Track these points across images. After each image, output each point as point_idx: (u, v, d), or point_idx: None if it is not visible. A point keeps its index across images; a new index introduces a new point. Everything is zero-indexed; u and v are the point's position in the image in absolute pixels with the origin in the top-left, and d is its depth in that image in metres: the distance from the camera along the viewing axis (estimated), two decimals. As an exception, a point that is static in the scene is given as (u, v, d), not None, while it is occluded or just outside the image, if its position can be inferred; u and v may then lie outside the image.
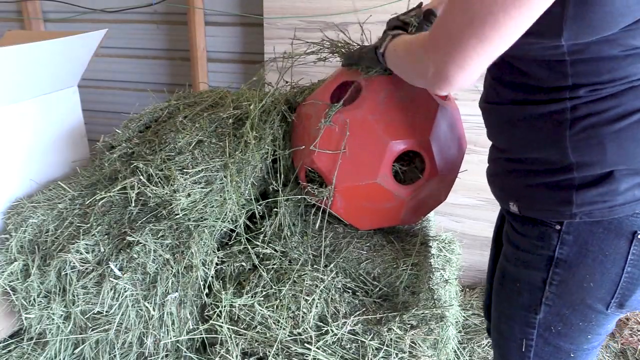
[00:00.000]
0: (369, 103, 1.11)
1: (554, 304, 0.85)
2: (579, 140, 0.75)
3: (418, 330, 1.01)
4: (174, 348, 1.16)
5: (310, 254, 1.23)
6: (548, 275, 0.84)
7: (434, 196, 1.23)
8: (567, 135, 0.75)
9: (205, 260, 1.17)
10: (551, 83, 0.76)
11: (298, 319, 1.05)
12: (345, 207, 1.22)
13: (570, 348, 0.88)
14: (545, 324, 0.87)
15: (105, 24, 2.44)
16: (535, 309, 0.87)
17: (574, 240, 0.80)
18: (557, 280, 0.84)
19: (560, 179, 0.79)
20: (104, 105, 2.64)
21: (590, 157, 0.75)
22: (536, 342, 0.90)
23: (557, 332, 0.87)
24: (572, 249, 0.81)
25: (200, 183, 1.18)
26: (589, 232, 0.79)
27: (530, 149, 0.82)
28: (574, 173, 0.77)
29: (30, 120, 1.46)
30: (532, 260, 0.86)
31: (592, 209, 0.77)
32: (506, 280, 0.93)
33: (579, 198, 0.77)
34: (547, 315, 0.87)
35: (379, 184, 1.13)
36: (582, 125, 0.74)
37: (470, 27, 0.64)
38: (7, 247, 1.29)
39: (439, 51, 0.70)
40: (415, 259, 1.22)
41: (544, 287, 0.85)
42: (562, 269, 0.82)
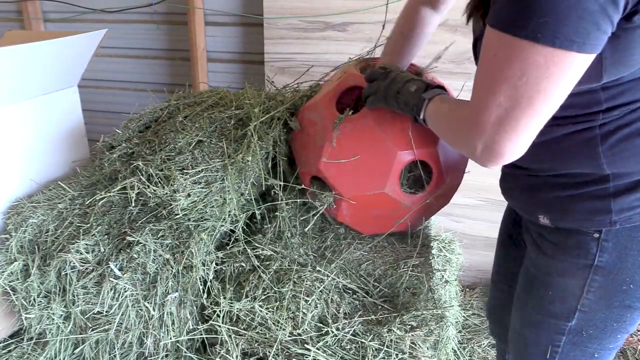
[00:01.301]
0: (376, 112, 1.10)
1: (590, 309, 0.84)
2: (614, 154, 0.75)
3: (418, 331, 1.01)
4: (174, 348, 1.15)
5: (310, 255, 1.23)
6: (586, 283, 0.82)
7: (439, 201, 1.23)
8: (600, 151, 0.75)
9: (205, 260, 1.17)
10: (584, 110, 0.75)
11: (298, 319, 1.05)
12: (351, 215, 1.22)
13: (596, 349, 0.88)
14: (576, 329, 0.86)
15: (105, 24, 2.44)
16: (567, 317, 0.86)
17: (613, 246, 0.79)
18: (595, 287, 0.82)
19: (595, 189, 0.78)
20: (104, 105, 2.64)
21: (627, 168, 0.75)
22: (563, 347, 0.89)
23: (587, 336, 0.86)
24: (612, 256, 0.80)
25: (200, 183, 1.18)
26: (628, 237, 0.78)
27: (561, 165, 0.80)
28: (609, 183, 0.77)
29: (30, 120, 1.46)
30: (567, 269, 0.84)
31: (632, 214, 0.77)
32: (535, 288, 0.90)
33: (617, 205, 0.77)
34: (580, 322, 0.86)
35: (387, 193, 1.12)
36: (615, 139, 0.74)
37: (519, 108, 0.64)
38: (7, 247, 1.29)
39: (488, 133, 0.68)
40: (416, 261, 1.22)
41: (581, 294, 0.84)
42: (601, 275, 0.81)
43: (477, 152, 0.71)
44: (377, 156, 1.11)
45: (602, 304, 0.83)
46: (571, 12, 0.57)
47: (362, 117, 1.12)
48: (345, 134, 1.12)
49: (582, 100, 0.74)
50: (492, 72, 0.65)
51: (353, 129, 1.12)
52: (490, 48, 0.66)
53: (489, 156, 0.71)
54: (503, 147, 0.68)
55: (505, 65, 0.63)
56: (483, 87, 0.67)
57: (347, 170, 1.13)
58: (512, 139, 0.67)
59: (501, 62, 0.64)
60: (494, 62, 0.65)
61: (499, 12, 0.64)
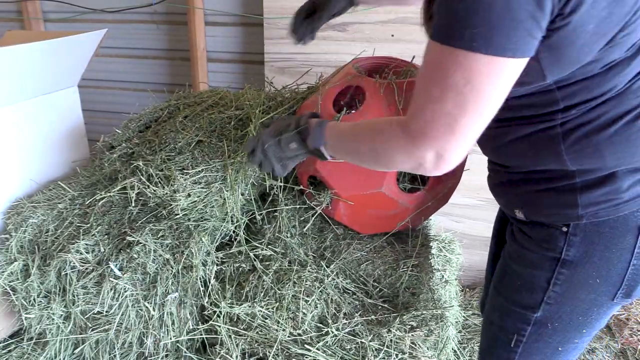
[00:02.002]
0: (373, 111, 1.11)
1: (556, 302, 0.86)
2: (575, 152, 0.77)
3: (418, 331, 1.01)
4: (174, 348, 1.15)
5: (310, 255, 1.23)
6: (553, 275, 0.85)
7: (438, 200, 1.23)
8: (562, 149, 0.77)
9: (205, 260, 1.17)
10: (542, 110, 0.78)
11: (298, 319, 1.05)
12: (349, 215, 1.22)
13: (561, 342, 0.90)
14: (542, 321, 0.89)
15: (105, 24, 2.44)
16: (534, 308, 0.88)
17: (580, 241, 0.81)
18: (562, 280, 0.84)
19: (563, 184, 0.80)
20: (104, 105, 2.63)
21: (590, 165, 0.77)
22: (527, 338, 0.91)
23: (552, 329, 0.88)
24: (579, 250, 0.82)
25: (200, 183, 1.18)
26: (595, 232, 0.80)
27: (529, 163, 0.83)
28: (575, 179, 0.79)
29: (30, 120, 1.46)
30: (536, 260, 0.86)
31: (597, 209, 0.78)
32: (507, 277, 0.93)
33: (583, 200, 0.79)
34: (546, 314, 0.88)
35: (384, 192, 1.12)
36: (575, 137, 0.76)
37: (466, 113, 0.67)
38: (7, 247, 1.29)
39: (439, 141, 0.70)
40: (416, 261, 1.22)
41: (547, 287, 0.86)
42: (568, 269, 0.83)
43: (427, 164, 0.73)
44: None
45: (568, 297, 0.85)
46: (502, 22, 0.61)
47: (359, 115, 1.12)
48: None
49: (540, 100, 0.77)
50: (437, 82, 0.68)
51: None
52: (432, 59, 0.69)
53: (440, 164, 0.73)
54: (454, 153, 0.71)
55: (448, 75, 0.66)
56: (429, 97, 0.69)
57: (344, 170, 1.13)
58: (462, 144, 0.70)
59: (443, 72, 0.67)
60: (436, 73, 0.68)
61: (437, 26, 0.67)
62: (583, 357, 1.85)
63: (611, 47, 0.69)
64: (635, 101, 0.74)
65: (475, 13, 0.62)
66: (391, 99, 1.11)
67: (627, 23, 0.67)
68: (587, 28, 0.65)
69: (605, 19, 0.65)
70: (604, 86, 0.73)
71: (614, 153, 0.75)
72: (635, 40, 0.71)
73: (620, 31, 0.68)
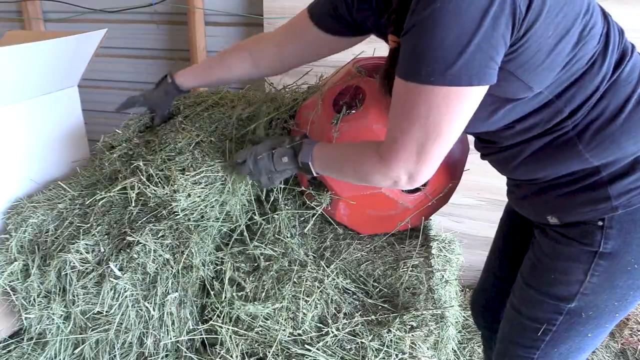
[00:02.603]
0: (374, 111, 1.10)
1: (593, 292, 0.87)
2: (594, 147, 0.79)
3: (418, 331, 1.01)
4: (174, 348, 1.15)
5: (310, 256, 1.23)
6: (590, 267, 0.86)
7: (438, 200, 1.23)
8: (581, 148, 0.80)
9: (205, 260, 1.17)
10: (549, 123, 0.81)
11: (298, 319, 1.05)
12: (349, 215, 1.22)
13: (592, 329, 0.91)
14: (575, 311, 0.90)
15: (105, 24, 2.44)
16: (568, 299, 0.89)
17: (617, 232, 0.83)
18: (599, 271, 0.86)
19: (591, 181, 0.82)
20: (104, 105, 2.63)
21: (611, 156, 0.80)
22: (558, 327, 0.92)
23: (586, 317, 0.89)
24: (617, 241, 0.83)
25: (200, 184, 1.18)
26: (630, 221, 0.82)
27: (553, 171, 0.85)
28: (602, 173, 0.81)
29: (30, 120, 1.46)
30: (573, 254, 0.87)
31: (630, 197, 0.80)
32: (538, 271, 0.94)
33: (614, 191, 0.81)
34: (581, 304, 0.89)
35: (384, 193, 1.12)
36: (590, 134, 0.79)
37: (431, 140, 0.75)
38: (7, 247, 1.29)
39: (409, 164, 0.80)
40: (416, 261, 1.22)
41: (585, 279, 0.87)
42: (606, 260, 0.85)
43: (402, 181, 0.83)
44: None
45: (605, 286, 0.86)
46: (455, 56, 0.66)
47: (360, 116, 1.12)
48: (343, 133, 1.12)
49: (544, 115, 0.80)
50: (405, 115, 0.75)
51: (350, 128, 1.12)
52: (399, 95, 0.76)
53: (412, 182, 0.83)
54: (424, 172, 0.80)
55: (414, 108, 0.73)
56: (399, 128, 0.77)
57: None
58: (430, 164, 0.79)
59: (409, 106, 0.74)
60: (404, 107, 0.75)
61: (400, 64, 0.74)
62: (583, 357, 1.85)
63: (584, 45, 0.74)
64: (628, 88, 0.78)
65: (431, 50, 0.67)
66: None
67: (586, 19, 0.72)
68: (547, 34, 0.70)
69: (561, 21, 0.70)
70: (594, 80, 0.77)
71: (630, 139, 0.78)
72: (600, 31, 0.76)
73: (583, 29, 0.73)
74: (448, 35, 0.65)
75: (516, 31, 0.67)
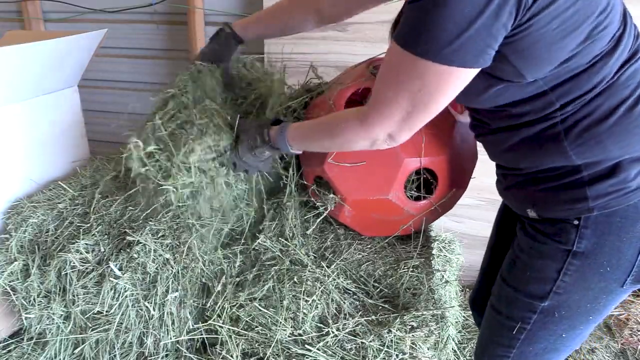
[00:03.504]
0: None
1: (565, 291, 0.88)
2: (579, 145, 0.79)
3: (418, 331, 1.01)
4: (174, 348, 1.15)
5: (311, 256, 1.23)
6: (563, 266, 0.86)
7: (443, 207, 1.22)
8: (566, 145, 0.80)
9: (205, 260, 1.17)
10: (540, 113, 0.81)
11: (298, 319, 1.05)
12: (352, 217, 1.21)
13: (565, 329, 0.91)
14: (549, 309, 0.90)
15: (105, 24, 2.43)
16: (542, 297, 0.90)
17: (592, 233, 0.83)
18: (572, 270, 0.86)
19: (572, 179, 0.82)
20: (104, 105, 2.63)
21: (594, 157, 0.79)
22: (532, 326, 0.92)
23: (559, 317, 0.90)
24: (591, 241, 0.83)
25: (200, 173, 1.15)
26: (606, 223, 0.82)
27: (536, 163, 0.86)
28: (583, 172, 0.81)
29: (30, 120, 1.46)
30: (547, 251, 0.88)
31: (607, 200, 0.80)
32: (516, 269, 0.94)
33: (592, 192, 0.81)
34: (554, 302, 0.89)
35: (391, 199, 1.12)
36: (577, 131, 0.79)
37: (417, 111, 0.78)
38: (7, 247, 1.29)
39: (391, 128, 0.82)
40: (416, 261, 1.22)
41: (558, 277, 0.87)
42: (579, 260, 0.85)
43: (379, 141, 0.86)
44: (384, 161, 1.10)
45: (578, 286, 0.87)
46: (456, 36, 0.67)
47: None
48: None
49: (536, 105, 0.80)
50: (395, 83, 0.77)
51: None
52: (392, 59, 0.77)
53: (392, 142, 0.86)
54: (402, 136, 0.84)
55: (405, 79, 0.75)
56: (387, 94, 0.79)
57: (352, 174, 1.13)
58: (411, 130, 0.83)
59: (402, 75, 0.75)
60: (397, 74, 0.76)
61: (401, 29, 0.74)
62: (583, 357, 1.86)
63: (591, 43, 0.73)
64: (626, 92, 0.77)
65: (433, 27, 0.68)
66: None
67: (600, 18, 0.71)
68: (550, 27, 0.69)
69: (571, 16, 0.69)
70: (592, 79, 0.76)
71: (616, 143, 0.78)
72: (613, 32, 0.74)
73: (595, 27, 0.71)
74: (451, 16, 0.66)
75: (519, 19, 0.67)
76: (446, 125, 1.13)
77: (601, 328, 1.99)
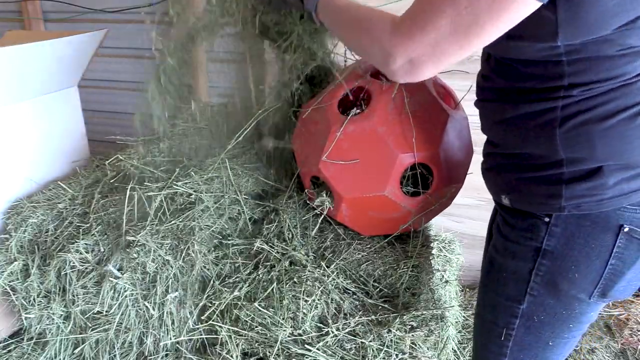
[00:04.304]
0: (379, 114, 1.10)
1: (539, 294, 0.87)
2: (569, 138, 0.77)
3: (418, 331, 1.01)
4: (174, 348, 1.15)
5: (310, 255, 1.23)
6: (534, 266, 0.86)
7: (441, 204, 1.23)
8: (557, 133, 0.77)
9: (205, 260, 1.17)
10: (547, 83, 0.77)
11: (298, 319, 1.05)
12: (350, 216, 1.21)
13: (550, 337, 0.90)
14: (528, 313, 0.89)
15: (105, 24, 2.43)
16: (519, 299, 0.89)
17: (561, 232, 0.82)
18: (543, 271, 0.85)
19: (550, 173, 0.80)
20: (104, 105, 2.63)
21: (580, 154, 0.77)
22: (517, 331, 0.91)
23: (539, 322, 0.89)
24: (560, 241, 0.82)
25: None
26: (576, 225, 0.81)
27: (522, 144, 0.83)
28: (563, 168, 0.79)
29: (30, 120, 1.46)
30: (519, 251, 0.87)
31: (580, 202, 0.79)
32: (493, 270, 0.94)
33: (568, 192, 0.79)
34: (530, 305, 0.88)
35: (387, 196, 1.12)
36: (572, 123, 0.76)
37: (455, 36, 0.68)
38: (7, 247, 1.29)
39: (418, 50, 0.71)
40: (416, 261, 1.22)
41: (530, 278, 0.87)
42: (549, 259, 0.84)
43: (395, 65, 0.74)
44: (378, 158, 1.10)
45: (549, 289, 0.86)
46: None
47: (364, 118, 1.12)
48: (347, 134, 1.12)
49: (546, 73, 0.76)
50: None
51: (355, 129, 1.12)
52: None
53: (408, 70, 0.74)
54: (426, 67, 0.72)
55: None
56: (428, 7, 0.69)
57: (347, 172, 1.13)
58: (437, 63, 0.71)
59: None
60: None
61: None
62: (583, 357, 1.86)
63: (628, 31, 0.68)
64: (637, 98, 0.74)
65: None
66: (398, 101, 1.11)
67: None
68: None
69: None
70: (612, 71, 0.72)
71: (606, 146, 0.75)
72: None
73: None
74: None
75: None
76: (439, 120, 1.13)
77: (601, 328, 1.99)
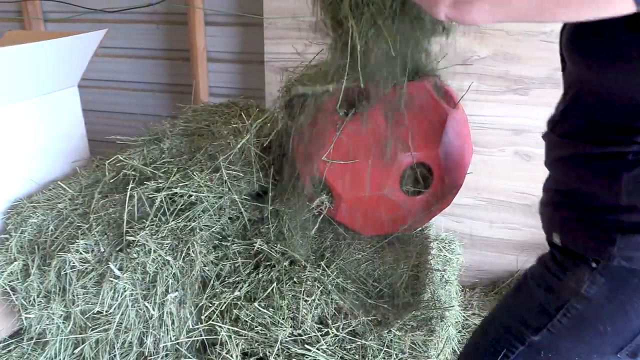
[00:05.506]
0: (379, 114, 1.10)
1: (558, 333, 0.82)
2: (635, 184, 0.72)
3: (418, 331, 1.01)
4: (174, 348, 1.15)
5: (310, 256, 1.23)
6: (565, 305, 0.81)
7: (440, 204, 1.23)
8: (623, 178, 0.72)
9: (205, 260, 1.17)
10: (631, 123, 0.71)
11: (298, 319, 1.05)
12: (350, 216, 1.21)
13: None
14: (537, 346, 0.85)
15: (105, 24, 2.43)
16: (535, 330, 0.84)
17: (605, 282, 0.77)
18: (572, 314, 0.80)
19: (608, 218, 0.76)
20: (104, 105, 2.63)
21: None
22: (515, 357, 0.87)
23: (544, 358, 0.85)
24: (601, 291, 0.77)
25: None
26: (623, 279, 0.76)
27: (584, 184, 0.79)
28: (624, 215, 0.74)
29: (30, 120, 1.46)
30: (555, 286, 0.83)
31: (633, 255, 0.74)
32: (520, 294, 0.90)
33: (622, 241, 0.74)
34: (544, 341, 0.84)
35: (386, 195, 1.12)
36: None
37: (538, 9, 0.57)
38: (7, 247, 1.29)
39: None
40: (416, 261, 1.22)
41: (555, 315, 0.82)
42: (583, 305, 0.79)
43: None
44: (378, 158, 1.10)
45: (572, 333, 0.81)
46: None
47: (364, 118, 1.12)
48: (347, 134, 1.12)
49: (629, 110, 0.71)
50: None
51: (354, 129, 1.12)
52: None
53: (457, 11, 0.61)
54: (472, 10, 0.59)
55: None
56: None
57: (347, 172, 1.13)
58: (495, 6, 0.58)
59: None
60: None
61: None
62: (583, 357, 1.85)
63: None
64: None
65: None
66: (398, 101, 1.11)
67: None
68: None
69: None
70: None
71: None
72: None
73: None
74: None
75: None
76: (438, 119, 1.13)
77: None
